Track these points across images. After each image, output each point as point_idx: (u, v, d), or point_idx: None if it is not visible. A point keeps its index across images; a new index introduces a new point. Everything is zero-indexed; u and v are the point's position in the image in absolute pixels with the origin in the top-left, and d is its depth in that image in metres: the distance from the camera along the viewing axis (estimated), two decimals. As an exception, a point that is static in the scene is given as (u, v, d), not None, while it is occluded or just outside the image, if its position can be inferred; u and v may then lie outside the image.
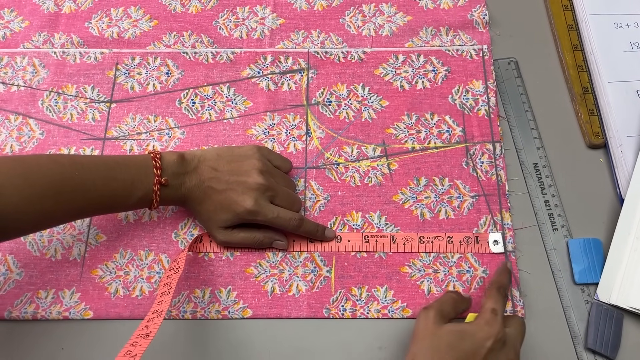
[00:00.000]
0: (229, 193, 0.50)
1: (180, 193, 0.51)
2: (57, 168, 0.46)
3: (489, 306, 0.45)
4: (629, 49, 0.61)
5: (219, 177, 0.51)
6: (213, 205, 0.51)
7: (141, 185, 0.49)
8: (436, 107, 0.60)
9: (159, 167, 0.49)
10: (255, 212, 0.50)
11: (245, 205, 0.50)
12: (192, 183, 0.51)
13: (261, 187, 0.51)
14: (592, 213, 0.56)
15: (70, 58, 0.63)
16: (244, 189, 0.50)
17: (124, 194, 0.48)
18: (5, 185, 0.42)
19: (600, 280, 0.52)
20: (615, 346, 0.50)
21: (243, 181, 0.51)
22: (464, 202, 0.56)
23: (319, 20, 0.65)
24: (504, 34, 0.64)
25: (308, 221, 0.53)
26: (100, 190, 0.47)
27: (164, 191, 0.50)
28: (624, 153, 0.56)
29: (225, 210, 0.51)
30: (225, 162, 0.52)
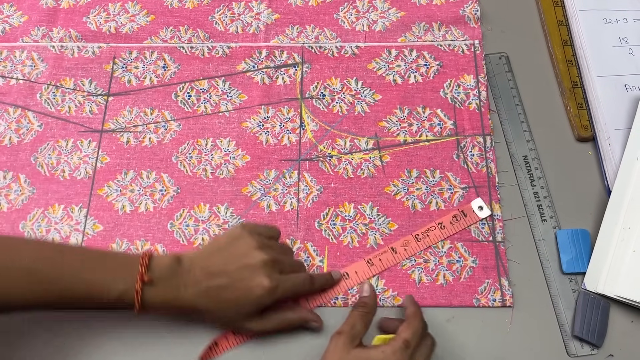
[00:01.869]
0: (238, 283, 0.46)
1: (174, 300, 0.46)
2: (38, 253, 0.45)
3: (403, 336, 0.45)
4: (618, 44, 0.62)
5: (218, 273, 0.47)
6: (228, 303, 0.47)
7: (121, 281, 0.45)
8: (428, 101, 0.61)
9: (145, 264, 0.45)
10: (274, 288, 0.46)
11: (263, 286, 0.46)
12: (191, 290, 0.46)
13: (267, 262, 0.47)
14: (580, 204, 0.57)
15: (69, 52, 0.64)
16: (252, 272, 0.47)
17: (103, 288, 0.45)
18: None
19: (588, 269, 0.53)
20: (601, 334, 0.51)
21: (246, 264, 0.47)
22: (455, 193, 0.57)
23: (313, 15, 0.66)
24: (495, 29, 0.66)
25: (317, 276, 0.52)
26: (76, 281, 0.44)
27: (149, 292, 0.45)
28: (611, 146, 0.57)
29: (244, 300, 0.47)
30: (217, 256, 0.48)
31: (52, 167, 0.59)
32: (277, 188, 0.58)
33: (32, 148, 0.60)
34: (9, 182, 0.58)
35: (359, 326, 0.47)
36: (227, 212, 0.57)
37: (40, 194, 0.58)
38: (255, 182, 0.58)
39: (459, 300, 0.53)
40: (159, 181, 0.58)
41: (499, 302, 0.53)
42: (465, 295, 0.53)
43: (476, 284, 0.53)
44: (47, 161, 0.59)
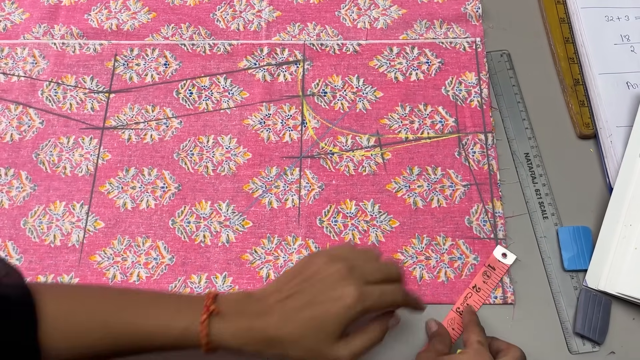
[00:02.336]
0: (319, 298, 0.41)
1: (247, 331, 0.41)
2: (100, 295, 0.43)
3: (474, 339, 0.46)
4: (619, 42, 0.62)
5: (294, 295, 0.42)
6: (311, 323, 0.40)
7: (186, 314, 0.41)
8: (429, 98, 0.61)
9: (211, 297, 0.42)
10: (361, 296, 0.40)
11: (351, 295, 0.40)
12: (267, 318, 0.41)
13: (343, 270, 0.42)
14: (581, 202, 0.57)
15: (70, 49, 0.64)
16: (331, 283, 0.41)
17: (165, 322, 0.41)
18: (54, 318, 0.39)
19: (589, 267, 0.53)
20: (603, 331, 0.51)
21: (323, 277, 0.42)
22: (456, 191, 0.57)
23: (314, 12, 0.66)
24: (497, 27, 0.66)
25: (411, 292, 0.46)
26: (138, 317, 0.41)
27: (216, 324, 0.40)
28: (613, 143, 0.57)
29: (329, 317, 0.40)
30: (289, 282, 0.43)
31: (53, 164, 0.59)
32: (278, 185, 0.58)
33: (34, 145, 0.60)
34: (10, 178, 0.58)
35: (440, 346, 0.47)
36: (228, 209, 0.57)
37: (42, 191, 0.58)
38: (256, 179, 0.58)
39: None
40: (161, 178, 0.58)
41: (500, 300, 0.53)
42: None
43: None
44: (49, 158, 0.59)
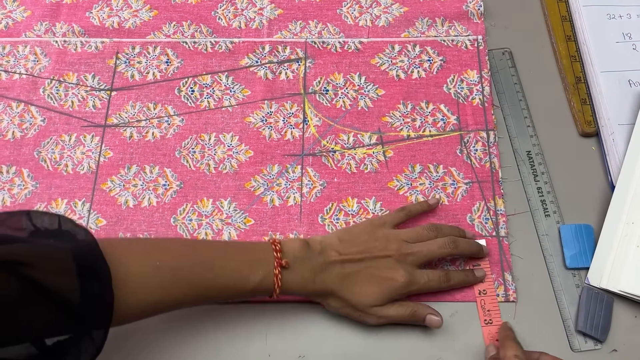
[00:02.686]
0: (374, 272, 0.49)
1: (310, 282, 0.47)
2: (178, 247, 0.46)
3: (511, 353, 0.45)
4: (621, 40, 0.62)
5: (354, 261, 0.49)
6: (361, 290, 0.48)
7: (260, 267, 0.46)
8: (431, 96, 0.61)
9: (278, 250, 0.47)
10: (409, 283, 0.49)
11: (399, 279, 0.48)
12: (327, 274, 0.48)
13: (400, 255, 0.49)
14: (583, 200, 0.57)
15: (72, 47, 0.64)
16: (388, 263, 0.49)
17: (242, 276, 0.45)
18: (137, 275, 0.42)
19: (591, 264, 0.53)
20: (605, 329, 0.51)
21: (382, 255, 0.49)
22: (458, 188, 0.57)
23: (316, 10, 0.66)
24: (499, 24, 0.65)
25: (454, 274, 0.52)
26: (218, 272, 0.45)
27: (287, 276, 0.46)
28: (615, 141, 0.57)
29: (377, 290, 0.48)
30: (351, 243, 0.50)
31: (55, 161, 0.59)
32: (280, 183, 0.58)
33: (35, 142, 0.60)
34: (12, 176, 0.58)
35: None
36: (230, 206, 0.57)
37: (44, 189, 0.58)
38: (258, 177, 0.58)
39: (462, 295, 0.53)
40: (162, 176, 0.58)
41: (502, 297, 0.53)
42: (469, 291, 0.53)
43: (479, 278, 0.53)
44: (50, 156, 0.59)
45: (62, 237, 0.40)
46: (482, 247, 0.53)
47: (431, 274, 0.50)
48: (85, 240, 0.40)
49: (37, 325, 0.36)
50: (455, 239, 0.52)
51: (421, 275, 0.50)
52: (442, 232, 0.52)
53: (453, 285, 0.51)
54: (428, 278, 0.50)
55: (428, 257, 0.51)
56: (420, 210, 0.55)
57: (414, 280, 0.49)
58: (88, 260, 0.39)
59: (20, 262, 0.35)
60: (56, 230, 0.40)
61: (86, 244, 0.40)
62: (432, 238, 0.52)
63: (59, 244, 0.39)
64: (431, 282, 0.50)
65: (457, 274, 0.52)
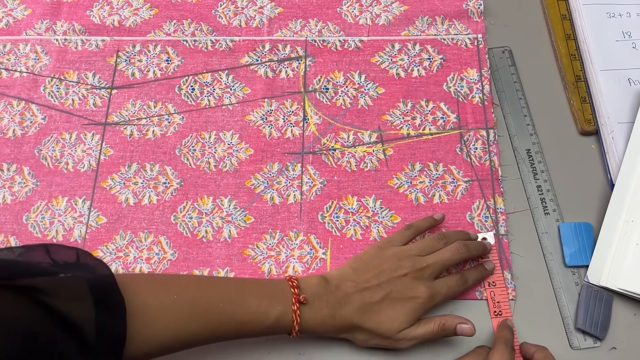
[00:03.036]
0: (394, 295, 0.47)
1: (330, 318, 0.46)
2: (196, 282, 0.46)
3: (496, 358, 0.45)
4: (621, 38, 0.62)
5: (371, 288, 0.48)
6: (386, 316, 0.47)
7: (278, 303, 0.45)
8: (431, 95, 0.62)
9: (295, 286, 0.46)
10: (432, 296, 0.48)
11: (423, 295, 0.48)
12: (348, 307, 0.47)
13: (415, 271, 0.48)
14: (583, 198, 0.57)
15: (72, 45, 0.65)
16: (406, 283, 0.48)
17: (261, 311, 0.45)
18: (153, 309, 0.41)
19: (591, 262, 0.53)
20: (604, 327, 0.51)
21: (398, 276, 0.48)
22: (458, 187, 0.57)
23: (316, 9, 0.66)
24: (499, 23, 0.66)
25: (469, 273, 0.52)
26: (236, 306, 0.44)
27: (306, 313, 0.46)
28: (615, 139, 0.57)
29: (402, 313, 0.47)
30: (365, 272, 0.49)
31: (55, 159, 0.59)
32: (280, 181, 0.58)
33: (36, 140, 0.60)
34: (12, 174, 0.58)
35: None
36: (230, 204, 0.57)
37: (44, 186, 0.58)
38: (258, 175, 0.58)
39: (462, 293, 0.53)
40: (163, 174, 0.58)
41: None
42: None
43: (479, 276, 0.54)
44: (51, 154, 0.59)
45: (80, 269, 0.40)
46: (486, 244, 0.54)
47: (449, 280, 0.50)
48: (103, 272, 0.40)
49: (52, 353, 0.35)
50: (466, 243, 0.51)
51: (441, 286, 0.49)
52: (450, 239, 0.52)
53: (471, 284, 0.51)
54: (447, 285, 0.50)
55: (444, 267, 0.50)
56: (427, 227, 0.54)
57: (436, 292, 0.49)
58: (104, 292, 0.38)
59: (39, 289, 0.35)
60: (74, 263, 0.40)
61: (103, 276, 0.40)
62: (442, 247, 0.51)
63: (77, 274, 0.38)
64: (451, 288, 0.50)
65: (472, 273, 0.52)
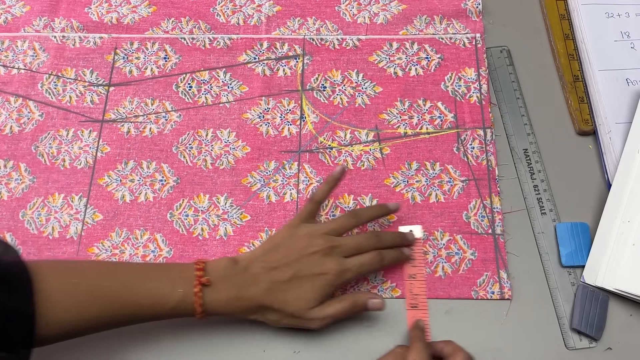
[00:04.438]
0: (302, 273, 0.47)
1: (237, 299, 0.46)
2: (97, 267, 0.46)
3: (413, 357, 0.45)
4: (620, 38, 0.62)
5: (280, 267, 0.47)
6: (295, 295, 0.47)
7: (180, 286, 0.45)
8: (429, 94, 0.61)
9: (200, 269, 0.46)
10: (340, 272, 0.48)
11: (331, 271, 0.47)
12: (255, 287, 0.46)
13: (326, 249, 0.48)
14: (580, 198, 0.57)
15: (70, 42, 0.65)
16: (314, 260, 0.48)
17: (161, 294, 0.45)
18: (56, 291, 0.42)
19: (587, 262, 0.53)
20: (600, 327, 0.51)
21: (307, 254, 0.48)
22: (454, 186, 0.57)
23: (314, 7, 0.66)
24: (497, 22, 0.65)
25: (387, 251, 0.51)
26: (136, 290, 0.44)
27: (210, 295, 0.45)
28: (612, 140, 0.57)
29: (310, 290, 0.47)
30: (275, 252, 0.49)
31: (52, 156, 0.59)
32: (276, 179, 0.58)
33: (33, 137, 0.60)
34: (9, 170, 0.58)
35: None
36: (226, 202, 0.57)
37: (41, 183, 0.58)
38: (255, 173, 0.58)
39: (457, 292, 0.53)
40: (159, 171, 0.58)
41: (497, 295, 0.53)
42: (464, 288, 0.53)
43: (475, 276, 0.53)
44: (48, 150, 0.59)
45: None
46: (404, 234, 0.53)
47: (362, 257, 0.49)
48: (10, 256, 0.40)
49: None
50: (379, 233, 0.52)
51: (352, 263, 0.49)
52: (362, 217, 0.52)
53: (388, 263, 0.51)
54: (360, 262, 0.49)
55: (356, 249, 0.49)
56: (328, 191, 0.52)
57: (345, 268, 0.48)
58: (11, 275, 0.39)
59: None
60: None
61: (10, 260, 0.40)
62: (353, 224, 0.51)
63: None
64: (364, 265, 0.49)
65: (390, 252, 0.51)
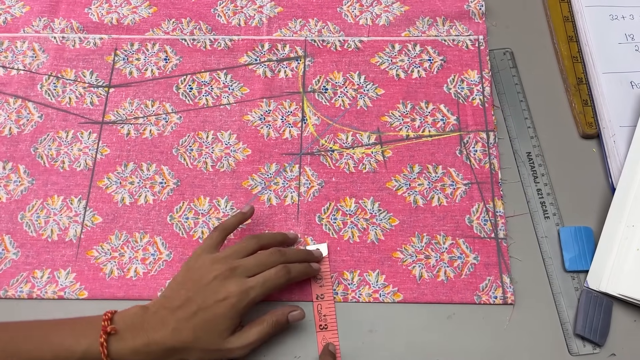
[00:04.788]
0: (206, 303, 0.45)
1: (145, 346, 0.44)
2: (2, 327, 0.45)
3: None
4: (624, 41, 0.62)
5: (182, 305, 0.46)
6: (204, 327, 0.45)
7: (84, 337, 0.44)
8: (431, 96, 0.61)
9: (107, 318, 0.45)
10: (244, 291, 0.46)
11: (233, 293, 0.45)
12: (162, 331, 0.45)
13: (226, 271, 0.46)
14: (583, 202, 0.56)
15: (70, 43, 0.64)
16: (214, 287, 0.46)
17: (64, 348, 0.43)
18: None
19: (591, 267, 0.53)
20: (603, 333, 0.50)
21: (206, 283, 0.46)
22: (457, 189, 0.57)
23: (316, 8, 0.66)
24: (500, 24, 0.65)
25: (294, 265, 0.50)
26: (37, 346, 0.43)
27: (116, 344, 0.44)
28: (616, 143, 0.57)
29: (218, 317, 0.45)
30: (176, 291, 0.47)
31: (51, 158, 0.59)
32: (277, 182, 0.57)
33: (32, 139, 0.59)
34: (8, 172, 0.58)
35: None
36: (227, 205, 0.56)
37: (40, 185, 0.57)
38: (255, 176, 0.58)
39: (459, 297, 0.52)
40: (159, 173, 0.58)
41: (500, 300, 0.52)
42: (466, 292, 0.53)
43: (477, 280, 0.53)
44: (47, 152, 0.59)
45: None
46: (310, 251, 0.52)
47: (266, 273, 0.47)
48: None
49: None
50: (282, 249, 0.50)
51: (255, 280, 0.47)
52: (262, 239, 0.51)
53: (295, 277, 0.49)
54: (264, 278, 0.47)
55: (258, 267, 0.48)
56: (235, 223, 0.52)
57: (249, 286, 0.46)
58: None
59: None
60: None
61: None
62: (255, 247, 0.50)
63: None
64: (269, 280, 0.47)
65: (297, 266, 0.50)
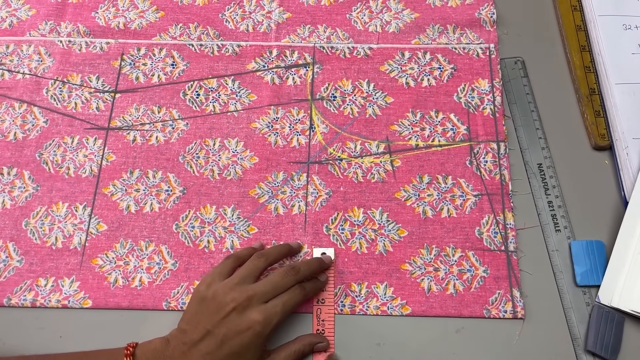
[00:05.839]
0: (228, 335, 0.45)
1: None
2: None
3: None
4: (637, 51, 0.61)
5: (203, 338, 0.45)
6: (230, 358, 0.45)
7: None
8: (441, 105, 0.60)
9: (129, 354, 0.45)
10: (268, 318, 0.45)
11: (256, 322, 0.45)
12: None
13: (242, 302, 0.46)
14: (595, 215, 0.55)
15: (76, 47, 0.63)
16: (234, 318, 0.45)
17: None
18: None
19: (602, 282, 0.52)
20: (615, 349, 0.49)
21: (225, 315, 0.45)
22: (467, 200, 0.56)
23: (325, 15, 0.65)
24: (512, 33, 0.64)
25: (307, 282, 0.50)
26: None
27: None
28: (629, 155, 0.56)
29: (242, 348, 0.45)
30: (193, 324, 0.46)
31: (57, 164, 0.58)
32: (285, 191, 0.57)
33: (37, 144, 0.59)
34: (12, 178, 0.57)
35: None
36: (233, 214, 0.56)
37: (45, 191, 0.57)
38: (262, 184, 0.57)
39: (469, 311, 0.52)
40: (165, 181, 0.57)
41: (510, 314, 0.51)
42: (476, 306, 0.52)
43: (487, 294, 0.52)
44: (52, 158, 0.58)
45: None
46: (321, 259, 0.52)
47: (283, 296, 0.47)
48: None
49: None
50: (294, 265, 0.49)
51: (275, 305, 0.46)
52: (270, 255, 0.50)
53: (309, 293, 0.50)
54: (283, 302, 0.47)
55: (275, 291, 0.47)
56: (247, 255, 0.50)
57: (271, 313, 0.46)
58: None
59: None
60: None
61: None
62: (263, 265, 0.49)
63: None
64: (287, 303, 0.47)
65: (309, 284, 0.50)
